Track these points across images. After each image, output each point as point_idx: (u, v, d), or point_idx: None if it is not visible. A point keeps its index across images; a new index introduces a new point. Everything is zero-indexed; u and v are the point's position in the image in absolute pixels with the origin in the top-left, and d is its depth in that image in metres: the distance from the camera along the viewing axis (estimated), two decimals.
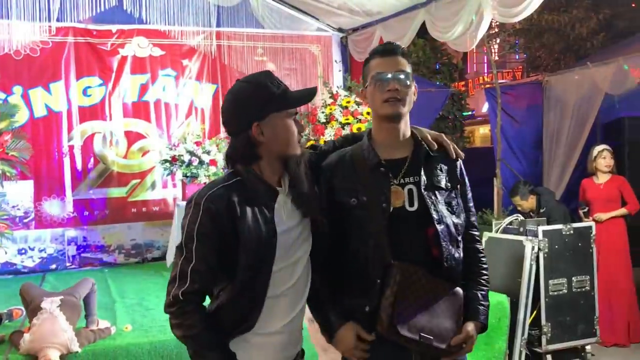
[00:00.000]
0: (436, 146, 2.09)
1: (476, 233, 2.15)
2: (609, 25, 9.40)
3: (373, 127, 2.10)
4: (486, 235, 5.04)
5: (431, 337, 1.91)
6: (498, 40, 12.97)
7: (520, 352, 4.49)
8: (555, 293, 4.70)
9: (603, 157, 5.49)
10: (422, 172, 2.02)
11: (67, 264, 6.31)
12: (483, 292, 2.09)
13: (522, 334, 4.49)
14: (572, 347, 4.84)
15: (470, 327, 2.01)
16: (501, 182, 7.40)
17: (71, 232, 6.36)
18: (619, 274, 5.32)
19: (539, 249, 4.62)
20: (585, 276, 4.83)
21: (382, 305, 1.90)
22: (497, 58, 16.68)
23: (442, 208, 2.01)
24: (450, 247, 2.00)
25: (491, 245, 4.95)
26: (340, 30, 7.26)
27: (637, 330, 5.36)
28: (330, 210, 2.01)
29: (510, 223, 5.04)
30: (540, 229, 4.68)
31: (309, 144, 6.28)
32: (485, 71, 20.24)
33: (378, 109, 2.02)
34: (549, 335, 4.65)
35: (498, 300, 4.44)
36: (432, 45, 10.17)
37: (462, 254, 2.05)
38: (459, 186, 2.09)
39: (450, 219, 2.02)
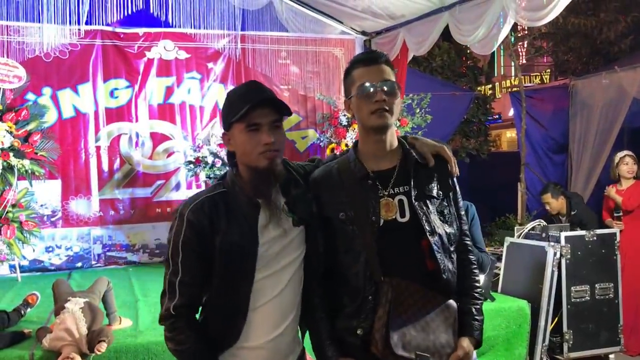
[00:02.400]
0: (433, 162, 2.00)
1: (469, 242, 2.07)
2: (637, 28, 9.22)
3: (359, 138, 2.04)
4: (508, 240, 5.00)
5: (427, 355, 1.83)
6: (525, 44, 12.85)
7: (541, 358, 4.45)
8: (578, 300, 4.64)
9: (625, 163, 5.43)
10: (412, 182, 1.94)
11: (93, 263, 6.41)
12: (477, 307, 2.00)
13: (543, 341, 4.45)
14: (595, 355, 4.78)
15: (465, 342, 1.93)
16: (525, 186, 7.34)
17: (97, 231, 6.46)
18: None
19: (561, 255, 4.57)
20: (609, 283, 4.77)
21: (375, 326, 1.83)
22: (524, 61, 16.53)
23: (435, 218, 1.94)
24: (445, 258, 1.93)
25: (512, 250, 4.91)
26: (363, 33, 7.25)
27: None
28: (320, 227, 1.97)
29: (533, 228, 4.99)
30: (563, 234, 4.63)
31: (330, 146, 6.33)
32: (513, 74, 20.03)
33: (365, 120, 1.94)
34: (571, 342, 4.60)
35: (519, 306, 4.41)
36: (456, 48, 10.12)
37: (455, 265, 1.98)
38: (450, 194, 2.02)
39: (443, 229, 1.95)
